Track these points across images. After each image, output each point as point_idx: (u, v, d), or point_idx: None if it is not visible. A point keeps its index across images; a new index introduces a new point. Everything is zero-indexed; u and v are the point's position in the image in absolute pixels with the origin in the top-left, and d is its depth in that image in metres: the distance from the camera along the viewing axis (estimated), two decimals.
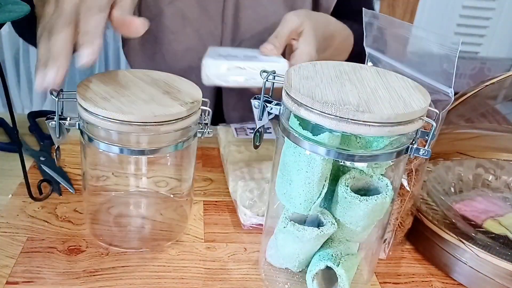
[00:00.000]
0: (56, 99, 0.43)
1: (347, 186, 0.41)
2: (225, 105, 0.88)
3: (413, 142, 0.40)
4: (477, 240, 0.51)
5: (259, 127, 0.45)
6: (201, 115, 0.48)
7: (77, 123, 0.45)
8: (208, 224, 0.56)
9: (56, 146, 0.47)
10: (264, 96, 0.44)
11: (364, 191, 0.43)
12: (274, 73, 0.44)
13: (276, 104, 0.44)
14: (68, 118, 0.45)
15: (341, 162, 0.42)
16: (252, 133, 0.49)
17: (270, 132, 0.73)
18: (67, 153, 0.66)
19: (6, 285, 0.44)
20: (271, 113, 0.45)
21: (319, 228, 0.42)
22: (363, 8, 0.53)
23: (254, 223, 0.55)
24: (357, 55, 0.68)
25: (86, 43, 0.42)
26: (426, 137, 0.40)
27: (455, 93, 0.45)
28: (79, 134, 0.46)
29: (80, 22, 0.43)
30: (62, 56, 0.41)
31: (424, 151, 0.40)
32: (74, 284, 0.46)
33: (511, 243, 0.52)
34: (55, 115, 0.44)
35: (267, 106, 0.44)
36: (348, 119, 0.36)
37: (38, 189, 0.56)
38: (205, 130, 0.49)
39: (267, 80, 0.44)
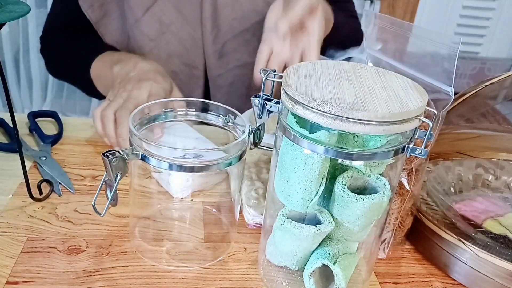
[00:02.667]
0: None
1: (344, 185, 0.41)
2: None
3: (410, 141, 0.40)
4: (477, 240, 0.51)
5: (259, 125, 0.46)
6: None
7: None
8: (208, 224, 0.56)
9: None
10: (264, 94, 0.44)
11: (362, 191, 0.43)
12: (274, 71, 0.44)
13: (276, 102, 0.44)
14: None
15: (339, 161, 0.42)
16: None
17: None
18: (67, 153, 0.66)
19: (6, 285, 0.45)
20: (270, 111, 0.45)
21: (316, 226, 0.42)
22: (364, 9, 0.52)
23: (258, 222, 0.55)
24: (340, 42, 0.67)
25: None
26: (424, 137, 0.40)
27: (455, 93, 0.45)
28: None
29: None
30: None
31: (420, 151, 0.40)
32: (74, 284, 0.46)
33: (511, 243, 0.52)
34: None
35: (266, 104, 0.44)
36: (342, 117, 0.36)
37: (38, 189, 0.56)
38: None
39: (266, 78, 0.44)
